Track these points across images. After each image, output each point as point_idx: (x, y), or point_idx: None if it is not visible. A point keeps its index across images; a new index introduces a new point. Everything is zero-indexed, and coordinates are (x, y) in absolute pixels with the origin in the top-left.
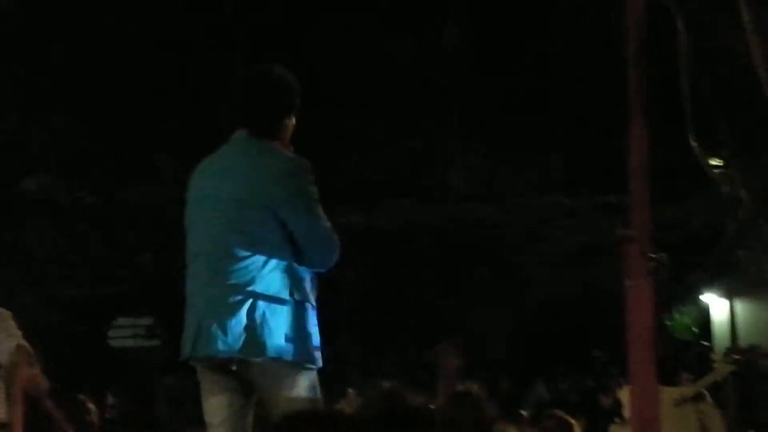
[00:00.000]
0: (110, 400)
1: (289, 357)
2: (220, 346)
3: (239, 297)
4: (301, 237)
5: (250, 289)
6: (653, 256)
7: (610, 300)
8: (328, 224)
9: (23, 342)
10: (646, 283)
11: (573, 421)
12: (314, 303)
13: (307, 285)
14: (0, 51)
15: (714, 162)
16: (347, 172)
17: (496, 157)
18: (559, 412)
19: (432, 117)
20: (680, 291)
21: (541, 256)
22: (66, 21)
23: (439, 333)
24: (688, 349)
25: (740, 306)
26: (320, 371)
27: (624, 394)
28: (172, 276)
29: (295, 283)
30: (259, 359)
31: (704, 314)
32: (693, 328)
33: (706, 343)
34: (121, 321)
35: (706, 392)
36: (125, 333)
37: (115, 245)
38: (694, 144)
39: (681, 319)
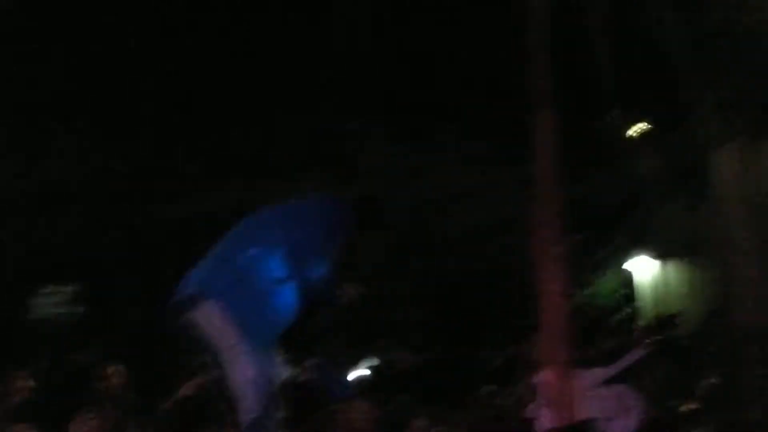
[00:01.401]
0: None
1: None
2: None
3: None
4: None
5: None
6: (562, 241)
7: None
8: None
9: None
10: (556, 266)
11: None
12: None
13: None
14: None
15: (632, 131)
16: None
17: (402, 133)
18: None
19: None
20: (604, 254)
21: (455, 230)
22: None
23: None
24: (611, 315)
25: (666, 267)
26: None
27: (538, 380)
28: (94, 244)
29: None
30: None
31: (629, 277)
32: (619, 291)
33: (630, 308)
34: (44, 289)
35: (622, 373)
36: (49, 301)
37: (31, 219)
38: (613, 114)
39: (606, 281)
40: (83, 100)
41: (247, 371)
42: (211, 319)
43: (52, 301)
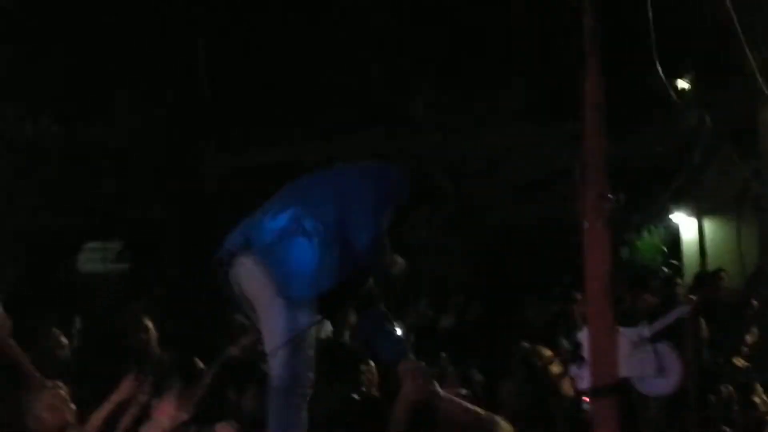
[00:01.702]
0: (78, 325)
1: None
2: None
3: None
4: (352, 216)
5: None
6: (610, 197)
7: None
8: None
9: None
10: (602, 226)
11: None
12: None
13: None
14: None
15: (679, 86)
16: (308, 103)
17: (455, 88)
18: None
19: (389, 48)
20: (649, 212)
21: (501, 184)
22: None
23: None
24: (654, 272)
25: (708, 225)
26: None
27: (583, 336)
28: (136, 202)
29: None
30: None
31: (674, 234)
32: (662, 248)
33: (675, 262)
34: (89, 245)
35: (664, 331)
36: (94, 256)
37: (79, 174)
38: (658, 69)
39: (650, 239)
40: (129, 57)
41: (279, 326)
42: (251, 274)
43: (97, 257)
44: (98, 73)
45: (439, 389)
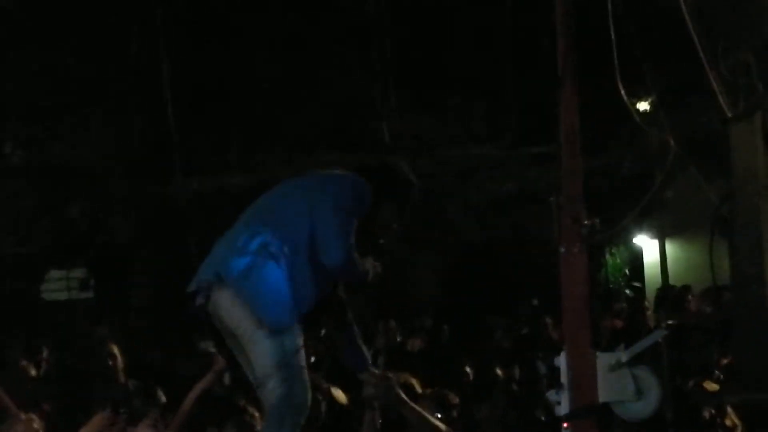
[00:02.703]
0: (45, 353)
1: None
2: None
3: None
4: (319, 230)
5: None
6: (586, 222)
7: (537, 247)
8: (349, 240)
9: None
10: (579, 250)
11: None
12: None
13: (300, 269)
14: None
15: (641, 107)
16: (273, 126)
17: (421, 108)
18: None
19: (354, 68)
20: (612, 234)
21: (468, 204)
22: None
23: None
24: (619, 294)
25: (670, 246)
26: None
27: (560, 360)
28: (102, 227)
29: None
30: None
31: (635, 256)
32: (624, 270)
33: (637, 284)
34: (52, 274)
35: (640, 355)
36: (57, 286)
37: (42, 199)
38: (621, 90)
39: (613, 261)
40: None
41: (267, 356)
42: (229, 308)
43: (61, 286)
44: (64, 93)
45: (405, 398)
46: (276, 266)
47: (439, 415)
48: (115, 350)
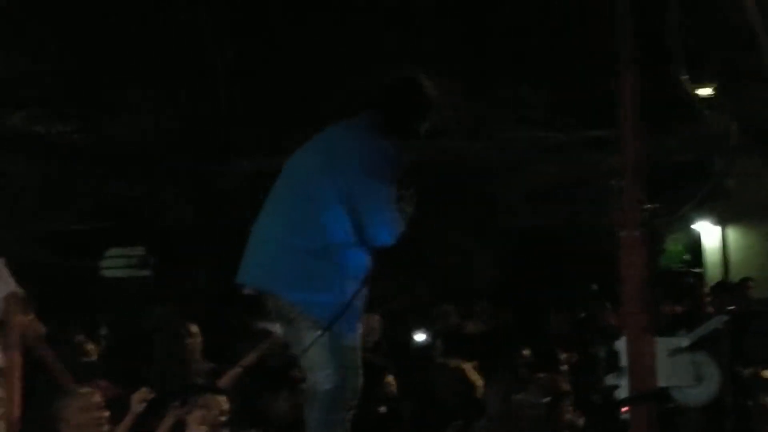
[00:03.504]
0: (103, 331)
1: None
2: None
3: (286, 251)
4: (364, 215)
5: (295, 247)
6: (647, 206)
7: (596, 231)
8: (391, 207)
9: (16, 289)
10: (639, 234)
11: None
12: (359, 271)
13: (352, 255)
14: None
15: (702, 93)
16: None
17: (478, 92)
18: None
19: (407, 50)
20: (672, 219)
21: (525, 189)
22: None
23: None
24: (679, 279)
25: (731, 232)
26: None
27: (620, 344)
28: (161, 208)
29: (337, 248)
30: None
31: (696, 241)
32: (685, 256)
33: (698, 270)
34: (112, 252)
35: (700, 341)
36: (117, 263)
37: (101, 179)
38: (683, 76)
39: (673, 246)
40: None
41: (325, 353)
42: (279, 308)
43: (120, 263)
44: (124, 73)
45: None
46: (329, 265)
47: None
48: (195, 329)
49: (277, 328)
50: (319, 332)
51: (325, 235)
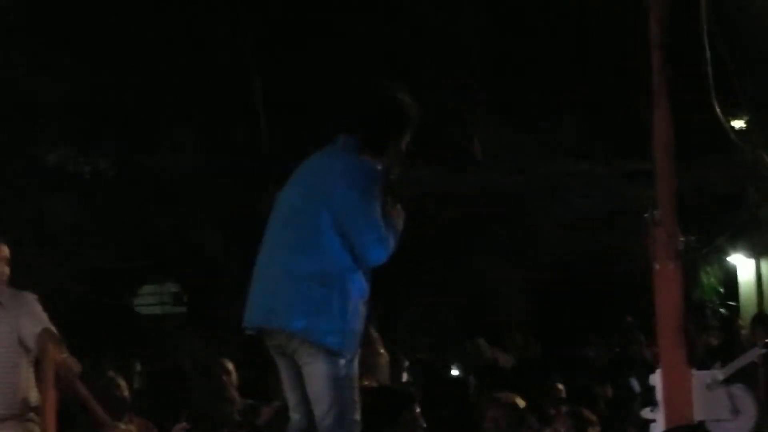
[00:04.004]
0: (138, 368)
1: (327, 344)
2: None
3: (287, 281)
4: (352, 235)
5: (295, 274)
6: (682, 239)
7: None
8: (379, 224)
9: (49, 326)
10: (674, 266)
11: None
12: (359, 295)
13: (353, 279)
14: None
15: (735, 125)
16: None
17: (512, 123)
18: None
19: (446, 83)
20: (706, 251)
21: (558, 220)
22: None
23: (458, 300)
24: (713, 311)
25: (765, 265)
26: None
27: (655, 378)
28: (194, 243)
29: (339, 273)
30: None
31: (730, 274)
32: (719, 288)
33: (732, 303)
34: (146, 289)
35: (737, 374)
36: (151, 300)
37: (136, 215)
38: (715, 107)
39: (707, 279)
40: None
41: (323, 380)
42: (279, 345)
43: (154, 300)
44: (156, 108)
45: None
46: (328, 290)
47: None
48: (230, 366)
49: None
50: (319, 360)
51: (323, 261)
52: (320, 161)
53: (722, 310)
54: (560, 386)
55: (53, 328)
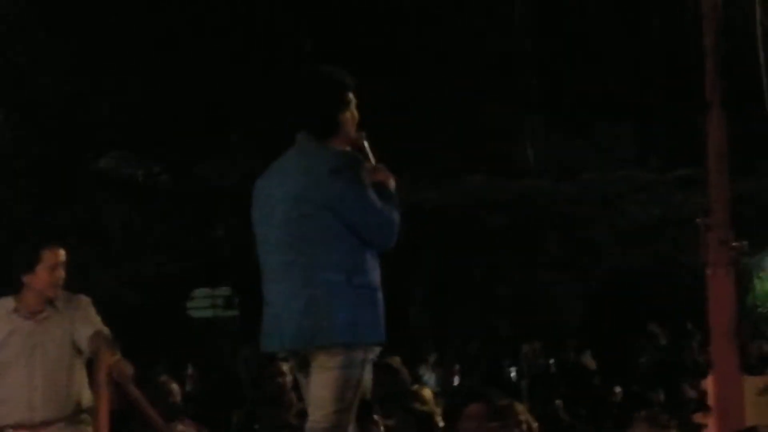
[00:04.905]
0: (190, 371)
1: (345, 339)
2: (285, 338)
3: (299, 290)
4: (357, 227)
5: (307, 281)
6: (734, 244)
7: (683, 272)
8: (381, 209)
9: (103, 328)
10: (726, 272)
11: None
12: (376, 284)
13: (369, 269)
14: (66, 29)
15: None
16: (422, 150)
17: (567, 132)
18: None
19: (502, 93)
20: (759, 257)
21: (613, 229)
22: None
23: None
24: (766, 317)
25: None
26: (395, 341)
27: (708, 384)
28: (246, 247)
29: (354, 269)
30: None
31: None
32: None
33: None
34: (198, 292)
35: None
36: (203, 304)
37: (189, 220)
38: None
39: (759, 285)
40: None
41: (329, 385)
42: (299, 361)
43: (207, 304)
44: (208, 116)
45: None
46: (340, 307)
47: None
48: (285, 368)
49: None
50: (332, 361)
51: (342, 262)
52: (299, 162)
53: None
54: (617, 390)
55: (107, 331)
